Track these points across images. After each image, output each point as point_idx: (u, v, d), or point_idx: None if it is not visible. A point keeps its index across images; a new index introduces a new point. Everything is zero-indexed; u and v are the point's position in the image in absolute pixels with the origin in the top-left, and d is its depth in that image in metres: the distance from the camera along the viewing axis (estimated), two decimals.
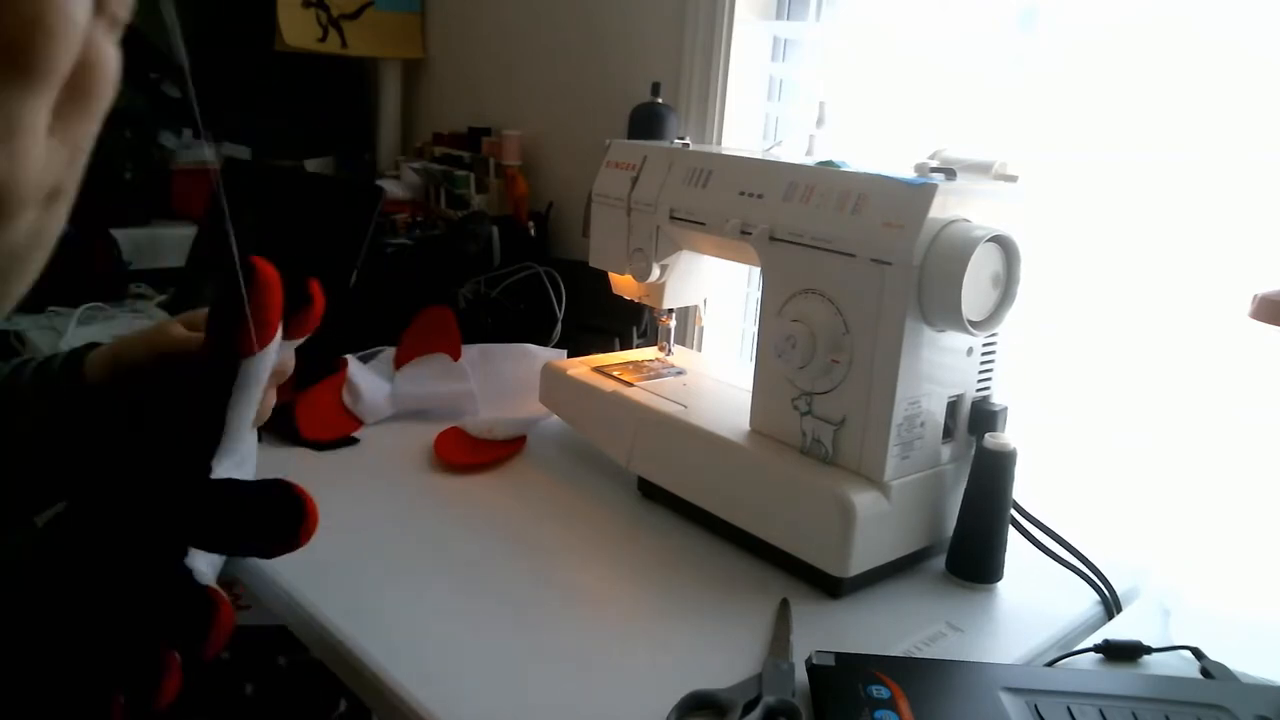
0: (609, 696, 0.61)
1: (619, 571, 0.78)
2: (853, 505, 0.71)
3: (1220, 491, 0.84)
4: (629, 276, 0.96)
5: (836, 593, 0.74)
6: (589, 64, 1.45)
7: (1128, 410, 0.92)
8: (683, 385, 0.95)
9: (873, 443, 0.74)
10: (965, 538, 0.78)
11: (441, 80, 1.82)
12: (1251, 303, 0.62)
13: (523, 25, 1.59)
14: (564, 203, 1.47)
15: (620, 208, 0.94)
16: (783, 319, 0.78)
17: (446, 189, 1.57)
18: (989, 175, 0.78)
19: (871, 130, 1.09)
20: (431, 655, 0.64)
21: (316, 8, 1.70)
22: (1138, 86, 0.88)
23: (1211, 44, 0.83)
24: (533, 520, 0.85)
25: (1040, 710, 0.58)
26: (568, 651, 0.66)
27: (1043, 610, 0.75)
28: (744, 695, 0.60)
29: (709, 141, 1.24)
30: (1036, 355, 0.95)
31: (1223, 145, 0.83)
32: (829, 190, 0.76)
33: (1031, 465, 0.79)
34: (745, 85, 1.23)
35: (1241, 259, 0.82)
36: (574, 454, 0.99)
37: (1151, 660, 0.68)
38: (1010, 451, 0.76)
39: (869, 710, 0.57)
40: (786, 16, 1.23)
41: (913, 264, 0.69)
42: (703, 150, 0.90)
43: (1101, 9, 0.90)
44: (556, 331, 1.21)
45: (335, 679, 0.66)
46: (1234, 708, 0.59)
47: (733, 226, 0.82)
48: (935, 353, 0.74)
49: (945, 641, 0.70)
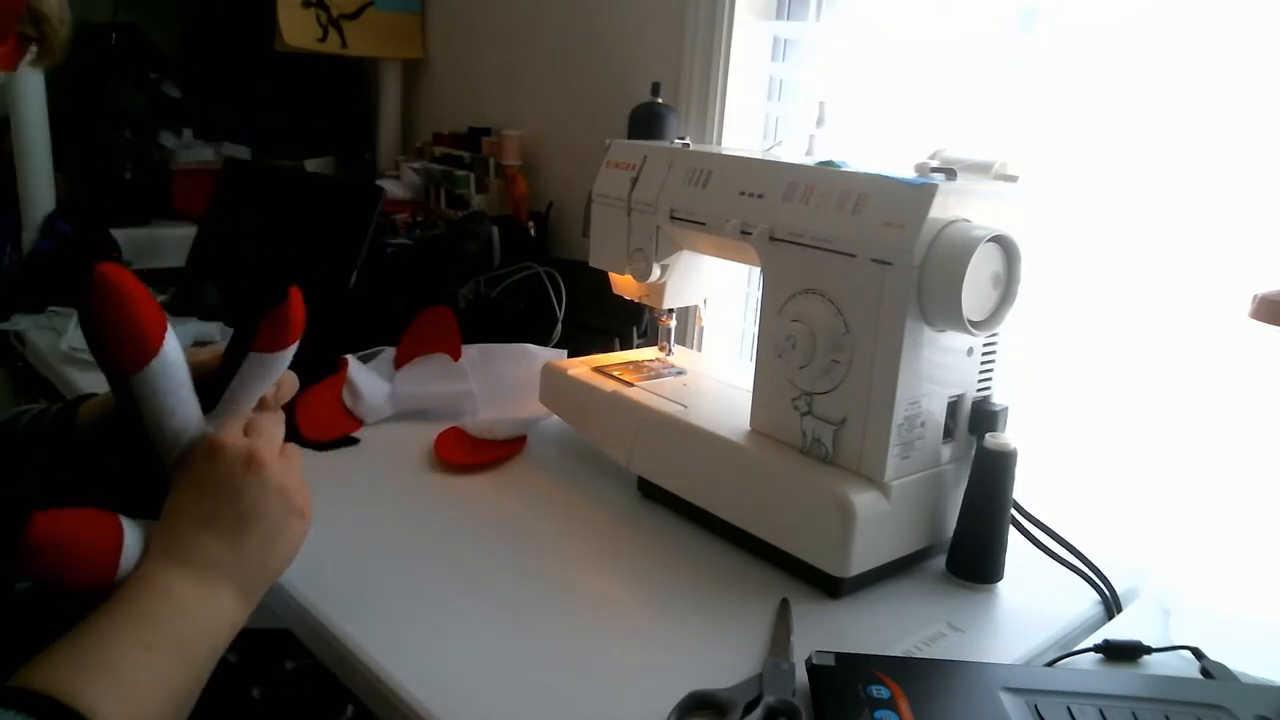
0: (609, 696, 0.61)
1: (619, 571, 0.78)
2: (853, 505, 0.71)
3: (1220, 491, 0.84)
4: (629, 276, 0.96)
5: (836, 593, 0.74)
6: (589, 64, 1.45)
7: (1128, 410, 0.92)
8: (683, 385, 0.95)
9: (873, 443, 0.74)
10: (965, 538, 0.78)
11: (441, 80, 1.82)
12: (1251, 303, 0.62)
13: (523, 25, 1.59)
14: (564, 203, 1.47)
15: (620, 208, 0.94)
16: (783, 319, 0.78)
17: (446, 189, 1.57)
18: (989, 175, 0.78)
19: (871, 130, 1.09)
20: (431, 656, 0.64)
21: (316, 8, 1.69)
22: (1137, 86, 0.88)
23: (1211, 44, 0.83)
24: (533, 520, 0.85)
25: (1040, 710, 0.58)
26: (568, 652, 0.66)
27: (1043, 610, 0.75)
28: (744, 695, 0.60)
29: (709, 141, 1.24)
30: (1036, 355, 0.95)
31: (1223, 145, 0.83)
32: (829, 190, 0.76)
33: (1031, 465, 0.78)
34: (745, 85, 1.23)
35: (1241, 259, 0.82)
36: (574, 454, 0.99)
37: (1151, 660, 0.68)
38: (1010, 451, 0.76)
39: (869, 710, 0.57)
40: (786, 16, 1.23)
41: (913, 264, 0.69)
42: (703, 150, 0.90)
43: (1101, 9, 0.90)
44: (556, 331, 1.21)
45: (341, 683, 0.66)
46: (1234, 708, 0.59)
47: (733, 226, 0.82)
48: (935, 353, 0.74)
49: (945, 641, 0.70)
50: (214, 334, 1.26)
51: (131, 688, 0.48)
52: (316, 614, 0.68)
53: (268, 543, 0.58)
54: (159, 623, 0.51)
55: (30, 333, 1.28)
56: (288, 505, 0.59)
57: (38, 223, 1.47)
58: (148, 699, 0.48)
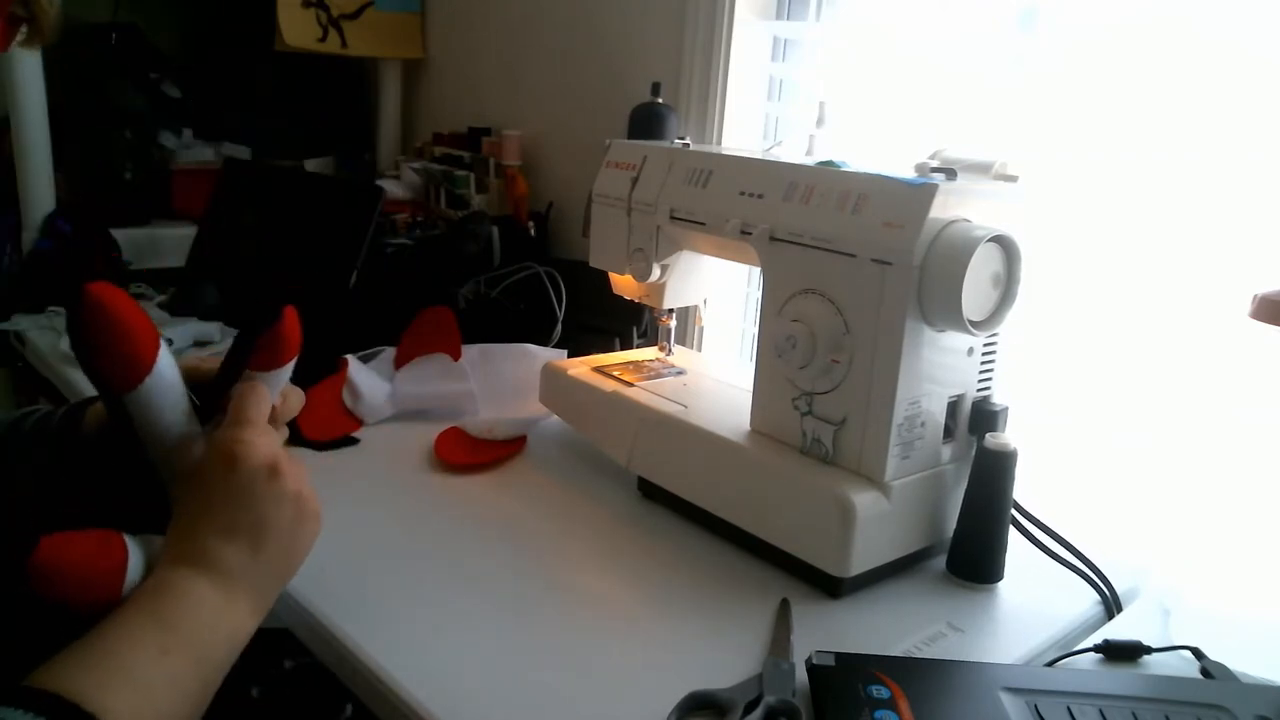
0: (609, 696, 0.61)
1: (619, 571, 0.78)
2: (853, 505, 0.71)
3: (1220, 491, 0.84)
4: (629, 276, 0.96)
5: (836, 593, 0.74)
6: (589, 64, 1.45)
7: (1128, 410, 0.92)
8: (683, 385, 0.95)
9: (873, 443, 0.74)
10: (965, 538, 0.78)
11: (441, 80, 1.82)
12: (1251, 303, 0.62)
13: (523, 25, 1.58)
14: (564, 203, 1.47)
15: (620, 208, 0.94)
16: (783, 319, 0.78)
17: (446, 189, 1.57)
18: (989, 175, 0.78)
19: (871, 130, 1.09)
20: (431, 656, 0.64)
21: (316, 8, 1.69)
22: (1137, 86, 0.88)
23: (1211, 44, 0.83)
24: (533, 520, 0.85)
25: (1040, 710, 0.58)
26: (568, 652, 0.66)
27: (1043, 610, 0.75)
28: (744, 695, 0.60)
29: (709, 141, 1.24)
30: (1036, 355, 0.95)
31: (1223, 145, 0.83)
32: (829, 190, 0.76)
33: (1031, 465, 0.78)
34: (745, 85, 1.23)
35: (1241, 259, 0.82)
36: (574, 454, 0.99)
37: (1151, 660, 0.68)
38: (1010, 451, 0.76)
39: (869, 710, 0.57)
40: (786, 16, 1.23)
41: (913, 264, 0.69)
42: (703, 150, 0.90)
43: (1101, 9, 0.90)
44: (556, 331, 1.21)
45: (341, 682, 0.66)
46: (1234, 708, 0.59)
47: (733, 226, 0.82)
48: (935, 353, 0.74)
49: (945, 641, 0.70)
50: (214, 334, 1.26)
51: (145, 690, 0.47)
52: (316, 614, 0.68)
53: (285, 551, 0.58)
54: (177, 628, 0.51)
55: (30, 333, 1.28)
56: (303, 511, 0.59)
57: (38, 223, 1.47)
58: (162, 703, 0.48)
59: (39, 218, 1.48)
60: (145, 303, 1.42)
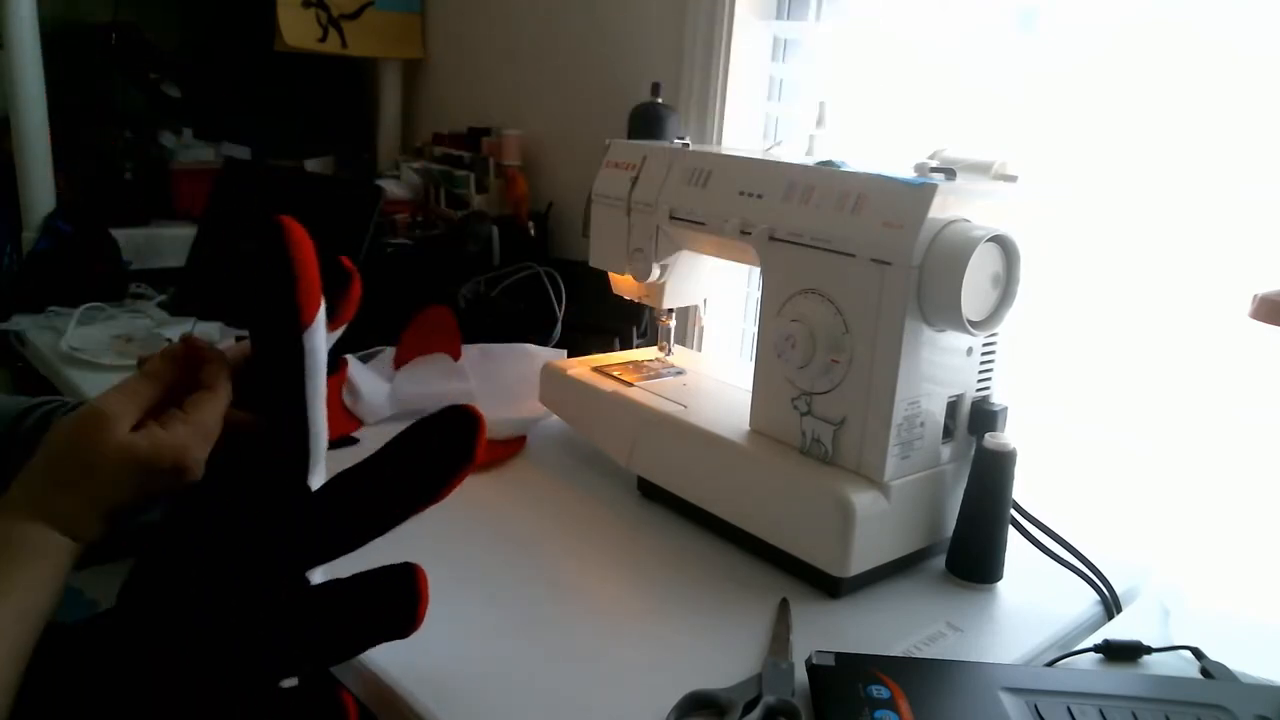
0: (609, 696, 0.61)
1: (619, 571, 0.78)
2: (852, 505, 0.71)
3: (1221, 492, 0.84)
4: (629, 276, 0.96)
5: (836, 593, 0.74)
6: (589, 64, 1.45)
7: (1128, 410, 0.92)
8: (683, 385, 0.95)
9: (872, 443, 0.74)
10: (965, 538, 0.78)
11: (441, 80, 1.82)
12: (1251, 303, 0.62)
13: (523, 25, 1.59)
14: (564, 203, 1.47)
15: (620, 208, 0.94)
16: (783, 319, 0.78)
17: (446, 189, 1.57)
18: (989, 175, 0.78)
19: (871, 130, 1.09)
20: (431, 656, 0.64)
21: (316, 8, 1.70)
22: (1138, 86, 0.88)
23: (1211, 44, 0.83)
24: (533, 520, 0.85)
25: (1040, 710, 0.58)
26: (568, 652, 0.66)
27: (1043, 610, 0.75)
28: (744, 695, 0.60)
29: (709, 141, 1.24)
30: (1036, 355, 0.95)
31: (1223, 145, 0.83)
32: (829, 190, 0.76)
33: (1031, 465, 0.78)
34: (745, 85, 1.23)
35: (1241, 259, 0.82)
36: (574, 454, 0.99)
37: (1151, 660, 0.68)
38: (1010, 451, 0.76)
39: (869, 710, 0.57)
40: (786, 16, 1.23)
41: (912, 264, 0.69)
42: (703, 150, 0.90)
43: (1101, 9, 0.90)
44: (556, 331, 1.21)
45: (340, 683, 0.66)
46: (1234, 708, 0.59)
47: (733, 226, 0.82)
48: (935, 353, 0.74)
49: (945, 641, 0.70)
50: (214, 334, 1.26)
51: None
52: None
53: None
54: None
55: (30, 333, 1.28)
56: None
57: (38, 223, 1.47)
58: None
59: (39, 218, 1.48)
60: (145, 302, 1.42)
